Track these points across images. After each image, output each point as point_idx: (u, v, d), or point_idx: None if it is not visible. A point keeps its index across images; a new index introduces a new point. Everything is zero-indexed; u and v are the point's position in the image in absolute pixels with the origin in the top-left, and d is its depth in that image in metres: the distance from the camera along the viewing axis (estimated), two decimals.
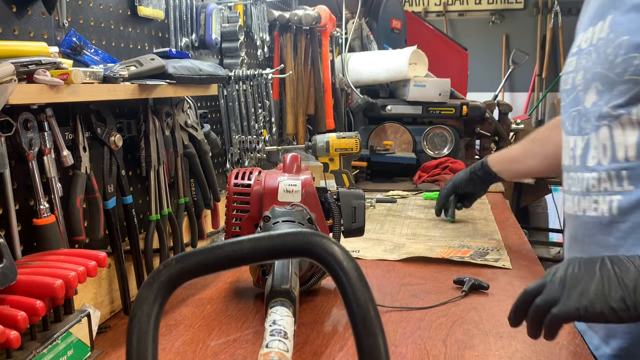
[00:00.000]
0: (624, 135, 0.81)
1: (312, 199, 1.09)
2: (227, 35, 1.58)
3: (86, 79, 0.86)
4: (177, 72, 1.07)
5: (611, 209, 0.84)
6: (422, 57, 2.43)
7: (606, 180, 0.84)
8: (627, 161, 0.81)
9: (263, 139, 1.71)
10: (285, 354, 0.58)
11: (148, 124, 1.12)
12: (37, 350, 0.74)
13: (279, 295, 0.71)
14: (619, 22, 0.82)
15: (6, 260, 0.69)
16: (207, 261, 0.45)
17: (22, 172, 0.84)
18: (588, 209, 0.88)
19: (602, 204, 0.85)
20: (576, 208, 0.91)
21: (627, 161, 0.81)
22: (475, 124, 2.47)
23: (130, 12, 1.16)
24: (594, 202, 0.87)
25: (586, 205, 0.89)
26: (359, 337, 0.41)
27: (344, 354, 0.89)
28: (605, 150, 0.85)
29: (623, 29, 0.80)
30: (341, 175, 1.77)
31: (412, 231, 1.58)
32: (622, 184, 0.82)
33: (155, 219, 1.15)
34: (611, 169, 0.83)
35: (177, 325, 1.00)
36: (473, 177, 1.51)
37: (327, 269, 0.44)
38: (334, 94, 2.35)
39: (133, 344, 0.42)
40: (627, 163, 0.81)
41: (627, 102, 0.80)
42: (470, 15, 5.69)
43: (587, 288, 0.70)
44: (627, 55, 0.78)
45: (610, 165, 0.84)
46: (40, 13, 0.88)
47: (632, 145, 0.80)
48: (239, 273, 1.25)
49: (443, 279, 1.20)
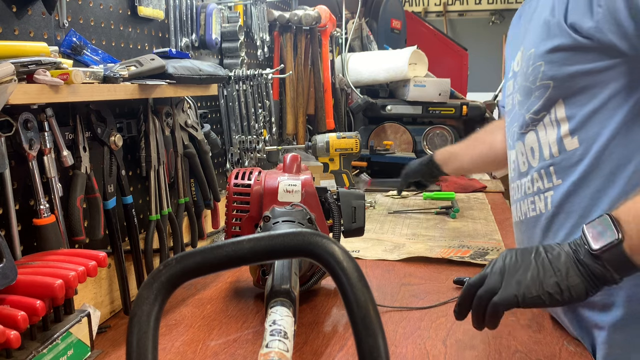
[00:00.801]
0: (547, 135, 0.88)
1: (312, 199, 1.09)
2: (227, 35, 1.58)
3: (86, 79, 0.86)
4: (177, 72, 1.07)
5: (547, 205, 0.89)
6: (422, 57, 2.43)
7: (538, 179, 0.91)
8: (552, 157, 0.88)
9: (263, 139, 1.71)
10: (285, 354, 0.58)
11: (148, 124, 1.12)
12: (37, 350, 0.74)
13: (279, 295, 0.71)
14: (531, 39, 0.91)
15: (6, 260, 0.69)
16: (207, 261, 0.45)
17: (22, 172, 0.84)
18: (528, 210, 0.94)
19: (538, 202, 0.91)
20: (519, 214, 0.97)
21: (552, 157, 0.88)
22: (475, 124, 2.46)
23: (130, 12, 1.16)
24: (532, 203, 0.93)
25: (526, 208, 0.94)
26: (359, 337, 0.41)
27: (344, 354, 0.89)
28: (533, 153, 0.92)
29: (531, 43, 0.90)
30: (341, 175, 1.77)
31: (412, 231, 1.58)
32: (551, 180, 0.88)
33: (155, 219, 1.15)
34: (540, 168, 0.90)
35: (177, 325, 1.00)
36: (422, 169, 1.61)
37: (327, 269, 0.44)
38: (334, 94, 2.35)
39: (133, 344, 0.42)
40: (552, 159, 0.88)
41: (544, 105, 0.88)
42: (470, 15, 5.70)
43: (524, 276, 0.74)
44: (535, 64, 0.87)
45: (539, 165, 0.90)
46: (40, 13, 0.88)
47: (554, 142, 0.87)
48: (239, 273, 1.25)
49: (443, 279, 1.20)
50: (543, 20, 0.87)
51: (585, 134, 0.83)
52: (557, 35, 0.83)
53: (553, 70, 0.84)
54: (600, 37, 0.77)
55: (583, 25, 0.78)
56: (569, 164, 0.85)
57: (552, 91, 0.86)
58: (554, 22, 0.83)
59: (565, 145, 0.86)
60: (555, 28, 0.83)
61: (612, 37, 0.76)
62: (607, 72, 0.80)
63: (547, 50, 0.84)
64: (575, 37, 0.80)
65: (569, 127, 0.85)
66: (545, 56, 0.85)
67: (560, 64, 0.83)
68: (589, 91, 0.82)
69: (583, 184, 0.84)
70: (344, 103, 2.45)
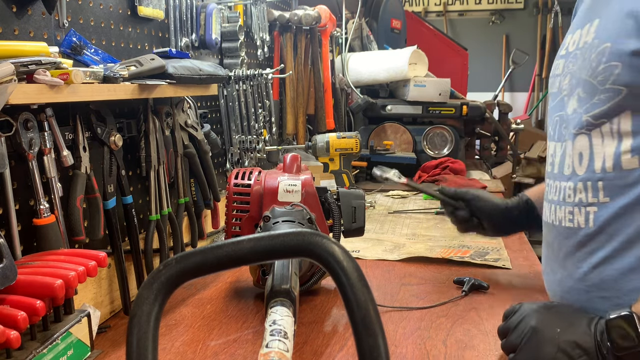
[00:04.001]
0: (603, 145, 0.79)
1: (312, 199, 1.09)
2: (227, 35, 1.58)
3: (86, 79, 0.86)
4: (177, 72, 1.07)
5: (588, 221, 0.82)
6: (422, 57, 2.43)
7: (582, 190, 0.83)
8: (604, 172, 0.79)
9: (263, 139, 1.71)
10: (285, 354, 0.58)
11: (148, 124, 1.12)
12: (37, 350, 0.73)
13: (279, 295, 0.71)
14: (604, 27, 0.80)
15: (6, 260, 0.69)
16: (207, 261, 0.45)
17: (22, 172, 0.84)
18: (564, 219, 0.86)
19: (577, 215, 0.84)
20: (553, 217, 0.90)
21: (604, 172, 0.79)
22: (475, 124, 2.47)
23: (130, 12, 1.16)
24: (569, 213, 0.85)
25: (562, 215, 0.87)
26: (359, 337, 0.41)
27: (344, 354, 0.89)
28: (581, 159, 0.83)
29: (607, 36, 0.78)
30: (341, 175, 1.77)
31: (412, 231, 1.58)
32: (597, 196, 0.80)
33: (155, 219, 1.15)
34: (587, 179, 0.82)
35: (177, 325, 1.00)
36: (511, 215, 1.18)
37: (327, 269, 0.44)
38: (334, 94, 2.35)
39: (133, 344, 0.42)
40: (603, 174, 0.79)
41: (607, 112, 0.78)
42: (470, 15, 5.69)
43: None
44: (609, 64, 0.77)
45: (586, 175, 0.82)
46: (40, 13, 0.88)
47: (609, 156, 0.78)
48: (239, 273, 1.25)
49: (443, 279, 1.20)
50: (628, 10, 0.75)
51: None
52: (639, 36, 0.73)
53: (631, 77, 0.74)
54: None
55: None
56: (622, 183, 0.78)
57: (622, 99, 0.76)
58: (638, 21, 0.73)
59: (623, 162, 0.77)
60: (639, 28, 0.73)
61: None
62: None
63: (628, 52, 0.74)
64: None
65: (632, 143, 0.76)
66: (623, 58, 0.75)
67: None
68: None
69: (635, 210, 0.77)
70: (344, 103, 2.45)
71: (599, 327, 0.75)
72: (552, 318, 0.79)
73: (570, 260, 0.86)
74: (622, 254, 0.78)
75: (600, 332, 0.74)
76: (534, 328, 0.78)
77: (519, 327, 0.80)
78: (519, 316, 0.82)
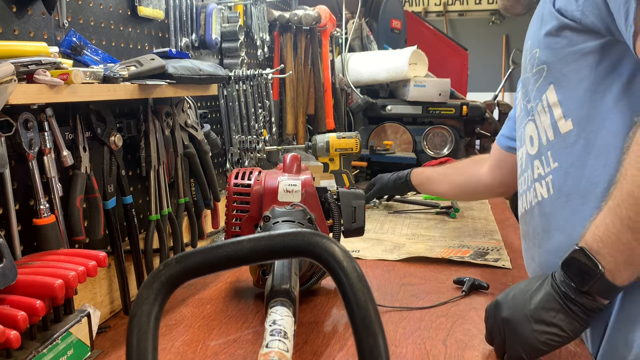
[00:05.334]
0: (542, 122, 0.91)
1: (312, 199, 1.09)
2: (227, 35, 1.58)
3: (86, 79, 0.86)
4: (177, 72, 1.07)
5: (549, 190, 0.90)
6: (422, 57, 2.43)
7: (539, 166, 0.92)
8: (549, 142, 0.90)
9: (263, 139, 1.71)
10: (285, 354, 0.58)
11: (148, 124, 1.12)
12: (37, 350, 0.74)
13: (279, 295, 0.71)
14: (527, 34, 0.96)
15: (6, 260, 0.69)
16: (207, 261, 0.45)
17: (22, 172, 0.84)
18: (533, 199, 0.95)
19: (539, 189, 0.93)
20: (525, 205, 0.99)
21: (549, 142, 0.90)
22: (475, 124, 2.46)
23: (130, 12, 1.16)
24: (534, 191, 0.94)
25: (531, 196, 0.96)
26: (359, 337, 0.41)
27: (344, 354, 0.89)
28: (532, 141, 0.94)
29: (528, 37, 0.95)
30: (341, 175, 1.77)
31: (412, 231, 1.58)
32: (549, 164, 0.90)
33: (155, 219, 1.15)
34: (540, 155, 0.92)
35: (177, 325, 1.00)
36: (397, 186, 1.65)
37: (327, 269, 0.44)
38: (334, 94, 2.34)
39: (133, 344, 0.42)
40: (548, 144, 0.90)
41: (538, 92, 0.90)
42: (470, 15, 5.70)
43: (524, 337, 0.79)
44: (532, 52, 0.91)
45: (538, 152, 0.92)
46: (40, 13, 0.88)
47: (549, 127, 0.89)
48: (239, 273, 1.25)
49: (443, 279, 1.20)
50: (537, 12, 0.92)
51: (577, 116, 0.85)
52: (548, 21, 0.87)
53: (546, 55, 0.88)
54: (582, 19, 0.80)
55: (568, 9, 0.82)
56: (564, 145, 0.87)
57: (545, 75, 0.88)
58: (546, 11, 0.88)
59: (560, 128, 0.87)
60: (547, 15, 0.87)
61: (593, 19, 0.79)
62: (594, 53, 0.82)
63: (542, 36, 0.88)
64: (562, 20, 0.83)
65: (562, 110, 0.87)
66: (539, 42, 0.89)
67: (552, 47, 0.86)
68: (579, 73, 0.84)
69: (580, 165, 0.85)
70: (344, 103, 2.45)
71: (557, 279, 0.77)
72: (515, 299, 0.82)
73: (544, 236, 0.92)
74: (580, 210, 0.84)
75: (560, 282, 0.76)
76: (505, 319, 0.81)
77: (495, 326, 0.84)
78: (491, 316, 0.85)
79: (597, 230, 0.73)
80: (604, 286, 0.72)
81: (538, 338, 0.77)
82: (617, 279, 0.72)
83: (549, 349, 0.77)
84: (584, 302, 0.74)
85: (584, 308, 0.74)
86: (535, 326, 0.77)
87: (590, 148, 0.84)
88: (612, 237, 0.71)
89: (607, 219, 0.72)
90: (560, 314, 0.76)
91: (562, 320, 0.75)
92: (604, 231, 0.72)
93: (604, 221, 0.73)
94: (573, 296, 0.74)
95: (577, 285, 0.74)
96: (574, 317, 0.75)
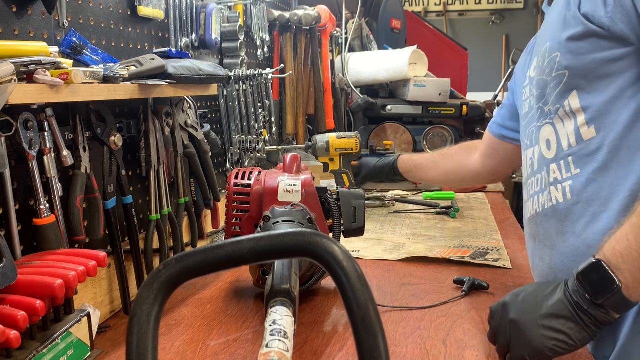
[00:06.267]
0: (564, 127, 0.89)
1: (312, 199, 1.09)
2: (227, 35, 1.58)
3: (86, 79, 0.86)
4: (177, 72, 1.07)
5: (565, 195, 0.89)
6: (422, 57, 2.43)
7: (555, 170, 0.91)
8: (570, 148, 0.88)
9: (263, 139, 1.71)
10: (285, 354, 0.58)
11: (148, 124, 1.12)
12: (37, 350, 0.74)
13: (279, 295, 0.71)
14: (546, 34, 0.93)
15: (6, 260, 0.69)
16: (207, 261, 0.45)
17: (22, 172, 0.84)
18: (546, 202, 0.94)
19: (555, 193, 0.91)
20: (536, 207, 0.97)
21: (570, 148, 0.88)
22: (475, 124, 2.46)
23: (130, 12, 1.16)
24: (548, 194, 0.93)
25: (544, 200, 0.94)
26: (359, 337, 0.41)
27: (344, 354, 0.89)
28: (549, 145, 0.92)
29: (548, 37, 0.92)
30: (341, 175, 1.77)
31: (412, 231, 1.58)
32: (570, 170, 0.89)
33: (155, 219, 1.15)
34: (559, 159, 0.90)
35: (177, 325, 1.00)
36: (384, 173, 1.63)
37: (327, 269, 0.44)
38: (334, 94, 2.34)
39: (133, 344, 0.42)
40: (570, 150, 0.88)
41: (558, 97, 0.89)
42: (470, 15, 5.70)
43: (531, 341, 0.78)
44: (551, 56, 0.89)
45: (556, 156, 0.91)
46: (40, 13, 0.88)
47: (571, 133, 0.88)
48: (239, 273, 1.25)
49: (443, 279, 1.20)
50: (558, 14, 0.88)
51: (601, 123, 0.84)
52: (572, 25, 0.84)
53: (568, 60, 0.85)
54: (611, 27, 0.78)
55: (595, 15, 0.80)
56: (587, 152, 0.86)
57: (567, 81, 0.86)
58: (569, 15, 0.84)
59: (583, 135, 0.86)
60: (570, 19, 0.84)
61: (622, 27, 0.77)
62: (621, 61, 0.81)
63: (563, 40, 0.85)
64: (589, 26, 0.81)
65: (586, 117, 0.85)
66: (561, 46, 0.86)
67: (575, 53, 0.84)
68: (604, 80, 0.83)
69: (602, 173, 0.84)
70: (344, 103, 2.45)
71: (570, 287, 0.76)
72: (525, 302, 0.81)
73: (557, 238, 0.91)
74: (599, 217, 0.84)
75: (573, 291, 0.76)
76: (512, 320, 0.80)
77: (501, 327, 0.83)
78: (497, 316, 0.85)
79: (618, 246, 0.72)
80: (619, 301, 0.72)
81: (545, 343, 0.76)
82: (634, 295, 0.71)
83: (553, 355, 0.77)
84: (597, 314, 0.73)
85: (595, 320, 0.74)
86: (544, 331, 0.76)
87: (614, 156, 0.83)
88: (634, 254, 0.71)
89: (629, 235, 0.72)
90: (570, 323, 0.75)
91: (572, 329, 0.75)
92: (626, 247, 0.72)
93: (627, 237, 0.72)
94: (586, 307, 0.74)
95: (592, 297, 0.73)
96: (583, 327, 0.74)
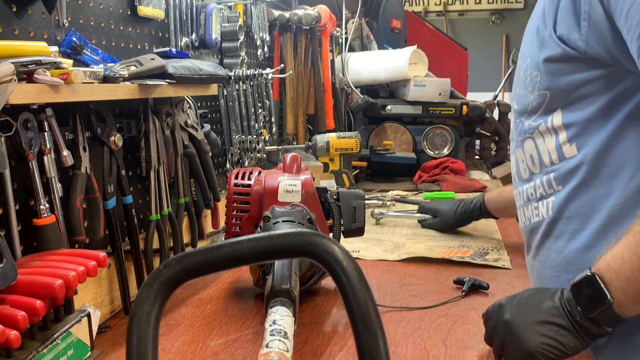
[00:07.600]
0: (545, 143, 0.89)
1: (312, 199, 1.09)
2: (227, 35, 1.58)
3: (86, 78, 0.86)
4: (177, 72, 1.07)
5: (548, 210, 0.90)
6: (422, 57, 2.43)
7: (540, 186, 0.92)
8: (552, 164, 0.89)
9: (263, 139, 1.71)
10: (285, 354, 0.58)
11: (148, 124, 1.12)
12: (37, 350, 0.73)
13: (279, 295, 0.71)
14: (523, 50, 0.93)
15: (6, 260, 0.69)
16: (207, 261, 0.45)
17: (22, 172, 0.84)
18: (532, 216, 0.95)
19: (541, 208, 0.92)
20: (523, 219, 0.99)
21: (552, 164, 0.89)
22: (475, 124, 2.46)
23: (130, 12, 1.16)
24: (535, 209, 0.94)
25: (529, 213, 0.96)
26: (359, 337, 0.41)
27: (344, 354, 0.89)
28: (533, 160, 0.93)
29: (526, 54, 0.91)
30: (341, 175, 1.77)
31: (412, 231, 1.58)
32: (552, 186, 0.89)
33: (155, 219, 1.14)
34: (543, 175, 0.91)
35: (177, 325, 1.00)
36: (469, 219, 1.53)
37: (327, 269, 0.44)
38: (334, 94, 2.34)
39: (133, 344, 0.42)
40: (552, 166, 0.89)
41: (541, 114, 0.89)
42: (470, 15, 5.70)
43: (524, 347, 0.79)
44: (532, 75, 0.89)
45: (542, 172, 0.91)
46: (40, 13, 0.88)
47: (553, 150, 0.88)
48: (239, 273, 1.25)
49: (443, 279, 1.20)
50: (536, 28, 0.88)
51: (582, 142, 0.84)
52: (549, 46, 0.84)
53: (548, 81, 0.86)
54: (587, 50, 0.78)
55: (571, 38, 0.80)
56: (567, 170, 0.86)
57: (549, 101, 0.87)
58: (546, 34, 0.84)
59: (564, 152, 0.87)
60: (548, 39, 0.84)
61: (598, 49, 0.77)
62: (599, 81, 0.80)
63: (541, 60, 0.85)
64: (565, 49, 0.81)
65: (567, 135, 0.86)
66: (540, 67, 0.86)
67: (554, 74, 0.84)
68: (584, 100, 0.83)
69: (582, 190, 0.85)
70: (344, 103, 2.45)
71: (565, 297, 0.77)
72: (521, 305, 0.82)
73: (541, 252, 0.93)
74: (579, 234, 0.86)
75: (567, 301, 0.77)
76: (507, 322, 0.81)
77: (496, 328, 0.84)
78: (492, 318, 0.85)
79: (613, 263, 0.73)
80: (611, 316, 0.73)
81: (538, 348, 0.77)
82: (625, 311, 0.72)
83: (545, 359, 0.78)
84: (589, 326, 0.74)
85: (587, 332, 0.75)
86: (537, 336, 0.77)
87: (594, 175, 0.83)
88: (627, 273, 0.71)
89: (625, 254, 0.72)
90: (564, 330, 0.76)
91: (565, 336, 0.76)
92: (620, 265, 0.72)
93: (622, 256, 0.72)
94: (578, 318, 0.75)
95: (584, 310, 0.74)
96: (576, 335, 0.76)
